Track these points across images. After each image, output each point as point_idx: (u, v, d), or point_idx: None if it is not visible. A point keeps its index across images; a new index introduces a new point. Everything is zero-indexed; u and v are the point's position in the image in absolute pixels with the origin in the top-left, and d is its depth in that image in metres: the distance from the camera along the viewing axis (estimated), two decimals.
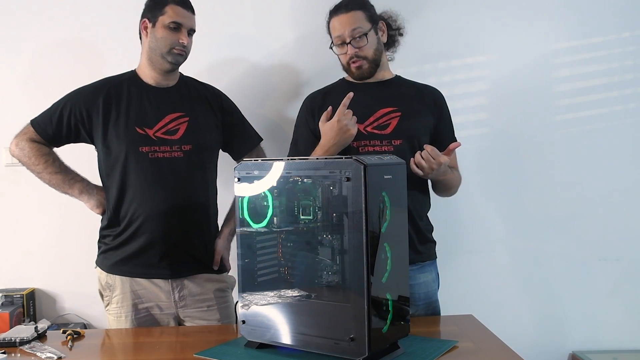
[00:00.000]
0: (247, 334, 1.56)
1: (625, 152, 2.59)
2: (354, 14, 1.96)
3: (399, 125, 1.97)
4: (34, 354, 1.57)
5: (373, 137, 1.96)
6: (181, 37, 1.98)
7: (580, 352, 2.58)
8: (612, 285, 2.61)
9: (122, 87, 2.04)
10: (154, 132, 2.00)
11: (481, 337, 1.65)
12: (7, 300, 2.44)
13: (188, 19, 2.00)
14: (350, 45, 1.96)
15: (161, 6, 1.98)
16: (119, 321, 2.02)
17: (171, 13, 1.97)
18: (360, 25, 1.96)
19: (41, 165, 2.04)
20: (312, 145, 2.04)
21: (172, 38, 1.98)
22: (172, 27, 1.97)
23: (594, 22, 2.56)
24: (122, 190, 2.00)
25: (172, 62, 2.00)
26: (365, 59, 1.98)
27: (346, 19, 1.96)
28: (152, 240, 1.99)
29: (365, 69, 1.99)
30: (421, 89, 2.08)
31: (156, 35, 1.98)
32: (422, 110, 2.02)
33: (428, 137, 2.01)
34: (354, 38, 1.95)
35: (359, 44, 1.96)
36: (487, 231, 2.61)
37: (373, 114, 1.98)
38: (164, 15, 1.97)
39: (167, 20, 1.97)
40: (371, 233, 1.36)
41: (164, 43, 1.98)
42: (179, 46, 1.98)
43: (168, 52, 1.98)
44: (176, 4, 1.98)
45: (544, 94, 2.57)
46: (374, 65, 2.00)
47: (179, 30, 1.98)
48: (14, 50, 2.52)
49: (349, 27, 1.95)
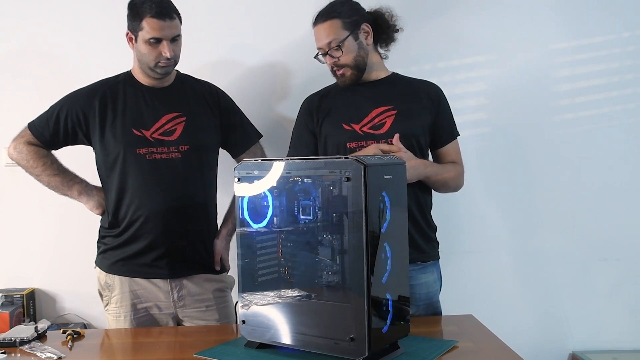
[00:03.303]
0: (247, 334, 1.56)
1: (625, 152, 2.59)
2: (330, 24, 1.96)
3: (395, 124, 1.96)
4: (34, 354, 1.57)
5: (369, 137, 1.96)
6: (164, 51, 1.93)
7: (580, 352, 2.58)
8: (612, 285, 2.61)
9: (117, 88, 2.04)
10: (151, 134, 1.99)
11: (481, 337, 1.65)
12: (7, 300, 2.44)
13: (167, 29, 1.92)
14: (328, 56, 1.99)
15: (138, 20, 1.92)
16: (118, 321, 2.03)
17: (148, 28, 1.91)
18: (336, 36, 1.96)
19: (39, 168, 2.04)
20: (310, 147, 2.05)
21: (155, 52, 1.94)
22: (152, 42, 1.93)
23: (594, 22, 2.55)
24: (121, 191, 2.00)
25: (160, 73, 1.99)
26: (345, 66, 1.98)
27: (323, 30, 1.97)
28: (151, 240, 1.99)
29: (348, 77, 2.00)
30: (417, 86, 2.06)
31: (140, 50, 1.96)
32: (418, 108, 2.01)
33: (426, 134, 2.01)
34: (330, 49, 1.97)
35: (336, 54, 1.97)
36: (487, 231, 2.61)
37: (368, 114, 1.98)
38: (142, 31, 1.92)
39: (147, 36, 1.92)
40: (371, 233, 1.36)
41: (147, 58, 1.95)
42: (163, 59, 1.94)
43: (154, 65, 1.96)
44: (152, 16, 1.89)
45: (544, 94, 2.57)
46: (357, 71, 2.00)
47: (160, 43, 1.93)
48: (15, 51, 2.52)
49: (326, 39, 1.97)
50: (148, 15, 1.90)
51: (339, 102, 2.04)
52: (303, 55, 2.50)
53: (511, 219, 2.61)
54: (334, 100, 2.06)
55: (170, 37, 1.94)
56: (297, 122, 2.12)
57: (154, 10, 1.90)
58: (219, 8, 2.51)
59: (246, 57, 2.55)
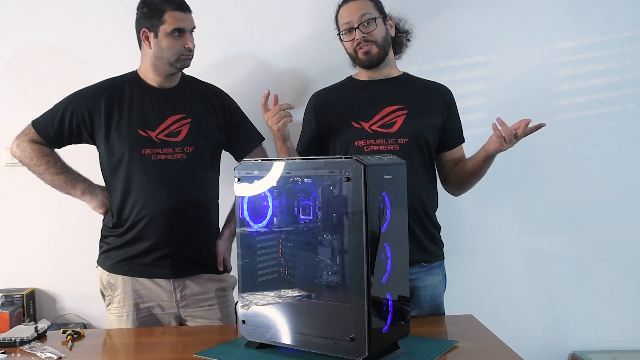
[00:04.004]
0: (247, 334, 1.56)
1: (625, 152, 2.59)
2: (363, 2, 1.98)
3: (405, 123, 1.96)
4: (34, 354, 1.57)
5: (378, 135, 1.96)
6: (187, 42, 1.97)
7: (580, 352, 2.58)
8: (612, 285, 2.61)
9: (123, 88, 2.04)
10: (157, 135, 1.99)
11: (481, 337, 1.65)
12: (7, 300, 2.44)
13: (189, 21, 1.99)
14: (358, 29, 1.96)
15: (159, 15, 1.95)
16: (120, 321, 2.02)
17: (171, 21, 1.94)
18: (369, 11, 1.97)
19: (43, 166, 2.04)
20: (312, 143, 2.06)
21: (178, 45, 1.96)
22: (176, 34, 1.96)
23: (593, 22, 2.55)
24: (126, 191, 2.00)
25: (180, 67, 2.01)
26: (374, 43, 1.97)
27: (355, 6, 1.98)
28: (155, 240, 1.99)
29: (374, 54, 1.98)
30: (429, 86, 2.07)
31: (161, 45, 1.97)
32: (429, 109, 2.01)
33: (435, 135, 2.01)
34: (362, 23, 1.96)
35: (368, 29, 1.96)
36: (487, 231, 2.61)
37: (379, 112, 1.98)
38: (164, 24, 1.94)
39: (170, 29, 1.94)
40: (371, 233, 1.36)
41: (170, 52, 1.97)
42: (186, 52, 1.98)
43: (176, 59, 1.98)
44: (174, 9, 1.94)
45: (544, 94, 2.57)
46: (383, 51, 1.99)
47: (183, 35, 1.97)
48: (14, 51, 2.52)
49: (358, 12, 1.96)
50: (170, 9, 1.94)
51: (348, 98, 2.04)
52: (306, 56, 2.51)
53: (511, 219, 2.61)
54: (343, 96, 2.05)
55: (190, 29, 2.00)
56: (304, 118, 2.14)
57: (175, 4, 1.95)
58: (222, 10, 2.51)
59: (249, 59, 2.54)
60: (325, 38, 2.09)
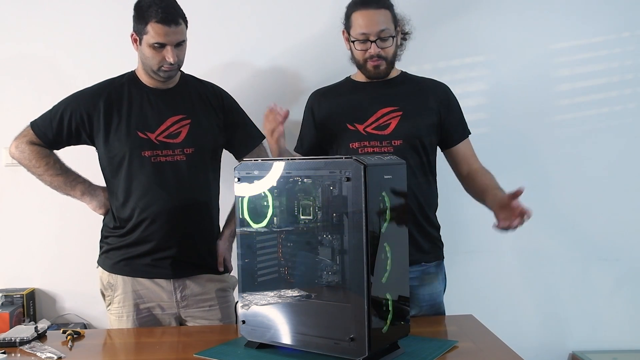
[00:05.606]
0: (247, 334, 1.56)
1: (625, 152, 2.59)
2: (384, 13, 1.92)
3: (399, 125, 1.96)
4: (34, 354, 1.57)
5: (372, 137, 1.96)
6: (167, 56, 1.91)
7: (580, 352, 2.58)
8: (612, 285, 2.61)
9: (122, 90, 2.03)
10: (156, 136, 1.99)
11: (481, 337, 1.65)
12: (7, 300, 2.44)
13: (172, 35, 1.90)
14: (375, 44, 1.92)
15: (143, 24, 1.90)
16: (121, 321, 2.02)
17: (153, 33, 1.88)
18: (388, 26, 1.92)
19: (42, 168, 2.04)
20: (312, 141, 2.07)
21: (158, 57, 1.92)
22: (156, 46, 1.91)
23: (593, 22, 2.55)
24: (126, 193, 2.00)
25: (163, 77, 1.98)
26: (385, 59, 1.95)
27: (376, 17, 1.91)
28: (156, 242, 1.99)
29: (382, 70, 1.97)
30: (425, 86, 2.05)
31: (144, 53, 1.95)
32: (424, 109, 2.00)
33: (432, 136, 2.00)
34: (380, 38, 1.91)
35: (384, 45, 1.93)
36: (487, 231, 2.57)
37: (373, 114, 1.98)
38: (147, 35, 1.90)
39: (151, 41, 1.90)
40: (371, 233, 1.36)
41: (152, 62, 1.94)
42: (166, 64, 1.93)
43: (157, 69, 1.95)
44: (157, 22, 1.87)
45: (544, 94, 2.57)
46: (391, 66, 1.99)
47: (163, 48, 1.91)
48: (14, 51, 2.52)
49: (378, 26, 1.90)
50: (153, 20, 1.88)
51: (345, 100, 2.03)
52: (310, 57, 2.51)
53: None
54: (340, 98, 2.05)
55: (175, 43, 1.92)
56: (303, 117, 2.14)
57: (159, 16, 1.87)
58: (226, 10, 2.51)
59: (253, 60, 2.55)
60: (327, 40, 2.08)
